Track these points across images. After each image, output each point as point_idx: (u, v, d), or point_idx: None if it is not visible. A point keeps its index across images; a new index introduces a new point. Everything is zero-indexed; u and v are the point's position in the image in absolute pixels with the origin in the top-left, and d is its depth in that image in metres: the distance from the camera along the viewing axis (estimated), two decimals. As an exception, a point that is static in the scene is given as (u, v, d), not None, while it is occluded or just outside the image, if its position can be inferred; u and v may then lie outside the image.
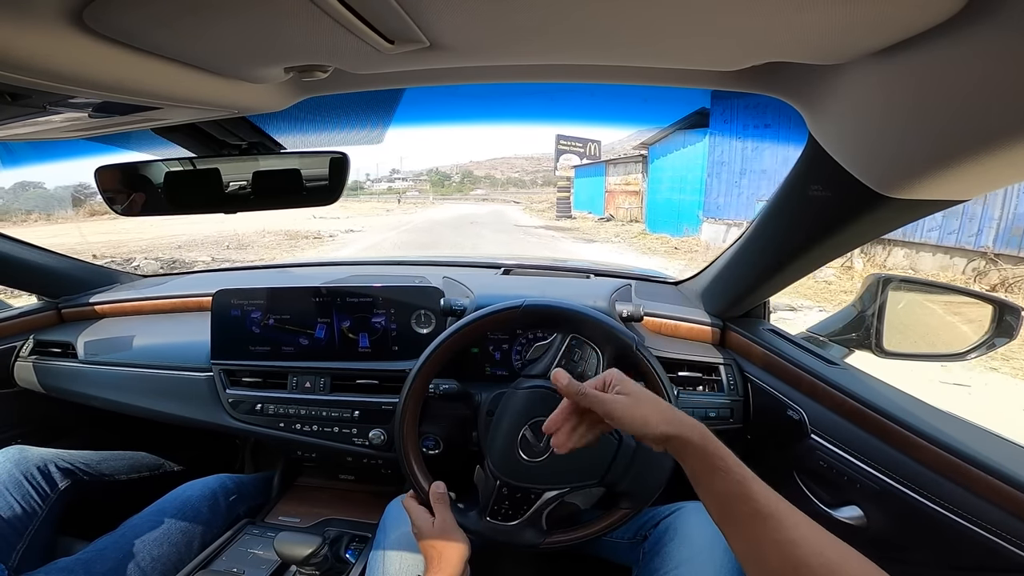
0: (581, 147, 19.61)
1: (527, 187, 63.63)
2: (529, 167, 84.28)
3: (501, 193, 55.23)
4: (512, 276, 1.41)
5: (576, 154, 19.75)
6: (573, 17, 0.41)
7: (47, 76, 0.42)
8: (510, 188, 63.10)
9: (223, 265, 3.27)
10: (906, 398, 0.76)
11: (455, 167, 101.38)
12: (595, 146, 19.82)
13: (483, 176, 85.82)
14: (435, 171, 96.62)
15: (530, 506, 0.76)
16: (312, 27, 0.40)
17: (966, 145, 0.43)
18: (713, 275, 1.13)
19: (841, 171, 0.59)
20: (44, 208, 21.09)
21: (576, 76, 0.67)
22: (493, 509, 0.77)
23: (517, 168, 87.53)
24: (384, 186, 73.70)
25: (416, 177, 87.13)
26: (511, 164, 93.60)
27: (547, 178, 61.15)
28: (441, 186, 76.14)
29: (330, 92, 0.72)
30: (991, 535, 0.57)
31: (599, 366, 0.77)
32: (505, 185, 70.69)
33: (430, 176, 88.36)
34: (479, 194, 58.78)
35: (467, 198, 54.40)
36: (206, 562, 0.96)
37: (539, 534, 0.77)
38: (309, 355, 1.10)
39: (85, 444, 1.20)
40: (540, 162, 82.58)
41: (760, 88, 0.62)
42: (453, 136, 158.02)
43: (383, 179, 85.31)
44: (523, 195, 48.81)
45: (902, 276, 0.95)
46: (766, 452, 1.02)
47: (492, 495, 0.76)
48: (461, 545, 0.69)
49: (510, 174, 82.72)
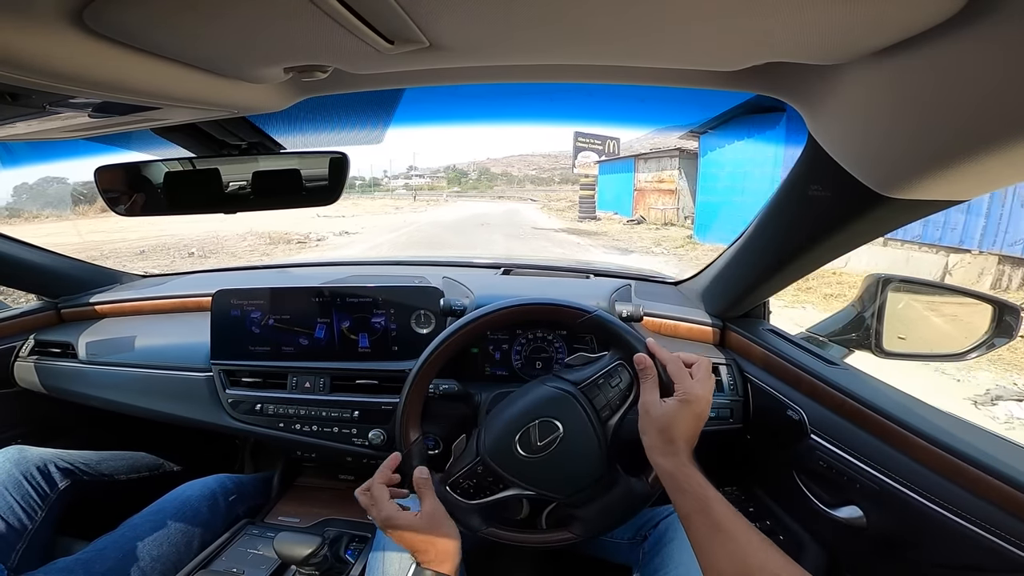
0: (600, 144, 18.78)
1: (544, 184, 62.21)
2: (546, 164, 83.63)
3: (518, 190, 53.45)
4: (512, 276, 1.41)
5: (594, 151, 18.94)
6: (572, 17, 0.41)
7: (47, 76, 0.42)
8: (527, 185, 61.94)
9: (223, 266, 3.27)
10: (906, 398, 0.76)
11: (472, 164, 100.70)
12: (614, 143, 19.01)
13: (500, 173, 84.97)
14: (452, 168, 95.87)
15: (492, 494, 0.75)
16: (312, 27, 0.40)
17: (966, 145, 0.43)
18: (713, 275, 1.13)
19: (841, 171, 0.59)
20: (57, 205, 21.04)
21: (576, 76, 0.67)
22: (458, 481, 0.76)
23: (534, 165, 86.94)
24: (401, 183, 73.19)
25: (433, 174, 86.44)
26: (528, 161, 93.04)
27: (565, 175, 60.12)
28: (458, 183, 74.85)
29: (330, 92, 0.72)
30: (991, 535, 0.57)
31: (631, 398, 0.76)
32: (522, 182, 69.32)
33: (447, 173, 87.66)
34: (495, 191, 57.15)
35: (483, 195, 52.42)
36: (206, 562, 0.96)
37: (483, 522, 0.77)
38: (309, 355, 1.10)
39: (85, 444, 1.20)
40: (558, 160, 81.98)
41: (760, 88, 0.62)
42: (470, 134, 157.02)
43: (400, 176, 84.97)
44: (540, 192, 47.04)
45: (902, 276, 0.95)
46: (766, 452, 1.02)
47: (464, 468, 0.76)
48: (454, 533, 0.68)
49: (527, 171, 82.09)
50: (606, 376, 0.76)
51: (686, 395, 0.67)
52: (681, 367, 0.71)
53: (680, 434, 0.65)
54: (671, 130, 11.25)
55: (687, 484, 0.60)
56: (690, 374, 0.70)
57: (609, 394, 0.75)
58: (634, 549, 0.87)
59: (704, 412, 0.67)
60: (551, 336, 1.04)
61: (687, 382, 0.68)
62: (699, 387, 0.68)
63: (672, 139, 14.02)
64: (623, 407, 0.75)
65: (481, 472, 0.75)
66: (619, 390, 0.75)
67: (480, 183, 73.30)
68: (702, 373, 0.70)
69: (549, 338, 1.04)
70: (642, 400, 0.71)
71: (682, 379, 0.69)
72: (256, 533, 1.05)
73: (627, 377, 0.76)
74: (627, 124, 1.19)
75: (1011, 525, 0.56)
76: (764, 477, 1.09)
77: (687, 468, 0.62)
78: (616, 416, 0.75)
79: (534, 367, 1.04)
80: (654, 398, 0.69)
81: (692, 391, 0.67)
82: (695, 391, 0.67)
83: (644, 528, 0.87)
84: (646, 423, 0.68)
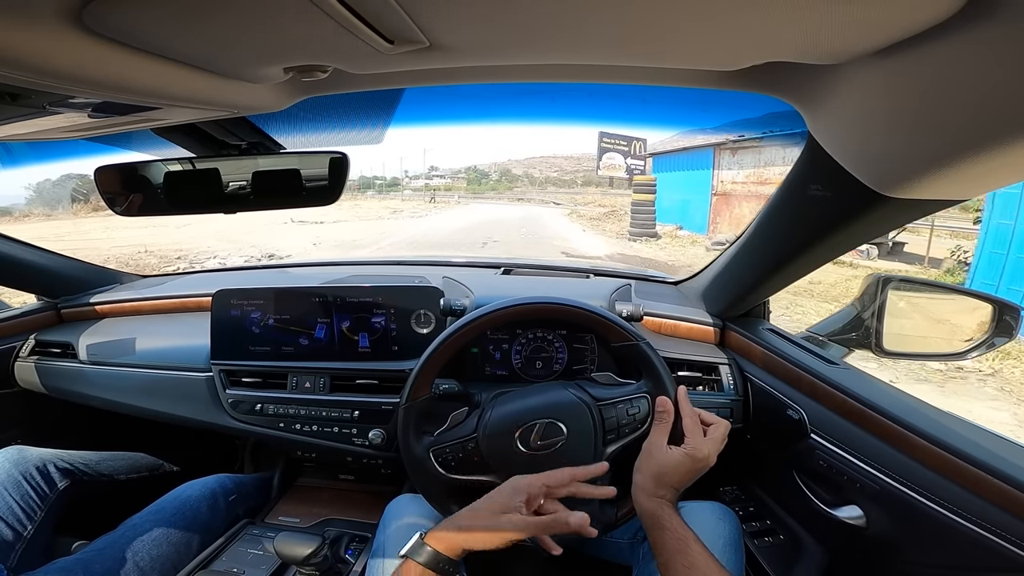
0: (626, 145, 17.37)
1: (567, 186, 58.94)
2: (568, 167, 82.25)
3: (539, 192, 48.97)
4: (512, 276, 1.41)
5: (620, 152, 17.48)
6: (572, 17, 0.41)
7: (47, 76, 0.42)
8: (548, 187, 59.09)
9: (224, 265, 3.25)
10: (906, 398, 0.76)
11: (493, 165, 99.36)
12: (640, 144, 17.42)
13: (521, 174, 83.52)
14: (473, 168, 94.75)
15: (470, 474, 0.76)
16: (312, 27, 0.40)
17: (965, 145, 0.43)
18: (713, 275, 1.13)
19: (840, 171, 0.59)
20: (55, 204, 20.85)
21: (576, 76, 0.67)
22: (444, 450, 0.76)
23: (556, 167, 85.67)
24: (422, 183, 72.50)
25: (454, 175, 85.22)
26: (550, 163, 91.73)
27: (588, 177, 58.04)
28: (478, 183, 73.29)
29: (330, 92, 0.72)
30: (991, 535, 0.57)
31: (640, 431, 0.77)
32: (543, 184, 66.74)
33: (467, 174, 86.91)
34: (514, 192, 52.29)
35: (501, 196, 45.53)
36: (206, 562, 0.95)
37: (449, 498, 0.77)
38: (309, 355, 1.10)
39: (85, 444, 1.20)
40: (580, 162, 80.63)
41: (760, 88, 0.62)
42: (491, 135, 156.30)
43: (421, 176, 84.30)
44: (564, 194, 41.49)
45: (901, 276, 0.95)
46: (766, 452, 1.02)
47: (456, 441, 0.76)
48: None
49: (549, 173, 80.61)
50: (627, 402, 0.77)
51: (695, 450, 0.68)
52: (698, 424, 0.72)
53: (673, 483, 0.67)
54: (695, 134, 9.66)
55: (668, 523, 0.63)
56: (704, 431, 0.72)
57: (623, 420, 0.76)
58: (634, 549, 0.87)
59: (703, 470, 0.69)
60: (551, 336, 1.04)
61: (699, 438, 0.70)
62: (709, 446, 0.69)
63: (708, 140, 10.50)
64: (630, 436, 0.76)
65: (471, 450, 0.75)
66: (633, 419, 0.76)
67: (498, 184, 71.00)
68: (717, 434, 0.71)
69: (549, 338, 1.04)
70: (649, 440, 0.72)
71: (695, 434, 0.71)
72: (256, 533, 1.05)
73: (645, 410, 0.77)
74: (635, 124, 1.19)
75: (1011, 525, 0.56)
76: (764, 477, 1.09)
77: (669, 509, 0.65)
78: (618, 444, 0.76)
79: (534, 367, 1.04)
80: (661, 442, 0.71)
81: (701, 449, 0.69)
82: (704, 450, 0.69)
83: (644, 528, 0.87)
84: (644, 463, 0.70)
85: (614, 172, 18.22)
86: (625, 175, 17.96)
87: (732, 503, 1.04)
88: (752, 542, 0.99)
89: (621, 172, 18.10)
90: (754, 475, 1.11)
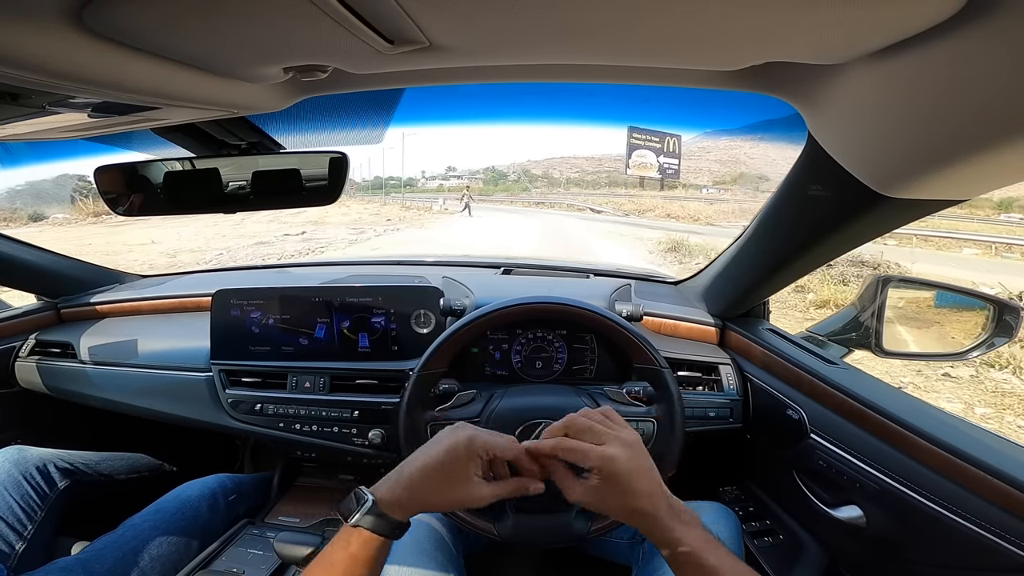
0: (658, 141, 15.88)
1: (590, 187, 52.04)
2: (589, 167, 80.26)
3: (562, 195, 39.99)
4: (512, 276, 1.41)
5: (652, 150, 15.79)
6: (572, 17, 0.41)
7: (47, 76, 0.42)
8: (571, 188, 53.39)
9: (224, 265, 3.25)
10: (906, 398, 0.77)
11: (512, 165, 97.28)
12: (674, 141, 15.88)
13: (540, 175, 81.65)
14: (492, 169, 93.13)
15: None
16: (312, 27, 0.40)
17: (965, 145, 0.43)
18: (713, 275, 1.13)
19: (840, 171, 0.59)
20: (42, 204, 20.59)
21: (576, 76, 0.67)
22: (442, 426, 0.76)
23: (577, 168, 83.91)
24: (437, 183, 71.12)
25: (472, 175, 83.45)
26: (570, 163, 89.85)
27: (612, 177, 53.22)
28: (495, 184, 71.11)
29: (330, 92, 0.72)
30: (991, 535, 0.57)
31: None
32: (566, 185, 61.03)
33: (485, 174, 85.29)
34: (532, 195, 43.74)
35: (515, 200, 36.18)
36: (206, 562, 0.95)
37: None
38: (309, 355, 1.10)
39: (85, 444, 1.20)
40: (601, 162, 78.60)
41: (760, 88, 0.62)
42: (510, 135, 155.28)
43: (438, 177, 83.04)
44: (590, 194, 34.71)
45: (901, 276, 0.95)
46: (766, 452, 1.02)
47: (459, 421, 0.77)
48: None
49: (569, 173, 78.88)
50: (633, 422, 0.78)
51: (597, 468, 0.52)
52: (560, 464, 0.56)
53: (645, 503, 0.52)
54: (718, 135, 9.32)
55: (674, 532, 0.51)
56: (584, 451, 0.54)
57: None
58: (634, 549, 0.87)
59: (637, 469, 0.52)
60: (551, 336, 1.04)
61: (571, 477, 0.55)
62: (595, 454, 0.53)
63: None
64: None
65: None
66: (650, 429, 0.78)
67: (512, 186, 65.29)
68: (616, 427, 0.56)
69: (549, 338, 1.04)
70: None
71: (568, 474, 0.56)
72: (256, 533, 1.05)
73: (648, 433, 0.79)
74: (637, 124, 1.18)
75: (1011, 525, 0.56)
76: (764, 477, 1.09)
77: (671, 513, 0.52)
78: None
79: (534, 367, 1.04)
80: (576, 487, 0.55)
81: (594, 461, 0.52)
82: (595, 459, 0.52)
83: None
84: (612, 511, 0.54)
85: (645, 171, 16.02)
86: (657, 175, 15.96)
87: (732, 503, 1.04)
88: (752, 542, 0.99)
89: (653, 172, 15.99)
90: (754, 475, 1.12)
